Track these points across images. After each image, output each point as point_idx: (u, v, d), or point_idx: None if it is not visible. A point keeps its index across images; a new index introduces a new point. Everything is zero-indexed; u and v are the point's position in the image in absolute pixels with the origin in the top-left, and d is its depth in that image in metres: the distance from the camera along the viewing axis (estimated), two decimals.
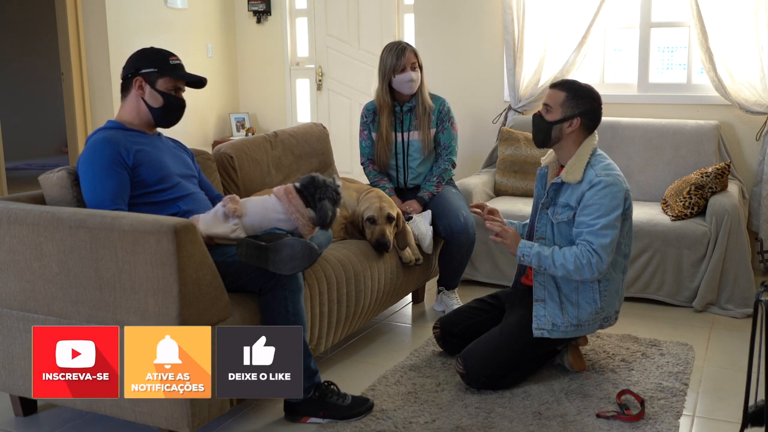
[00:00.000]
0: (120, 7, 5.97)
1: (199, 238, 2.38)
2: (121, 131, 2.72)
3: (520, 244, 2.87)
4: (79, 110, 6.07)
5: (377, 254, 3.32)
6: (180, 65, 2.80)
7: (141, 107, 2.76)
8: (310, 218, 2.78)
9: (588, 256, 2.74)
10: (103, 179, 2.59)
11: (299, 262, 2.53)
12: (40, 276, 2.49)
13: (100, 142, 2.64)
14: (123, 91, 2.80)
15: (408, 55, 3.73)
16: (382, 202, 3.40)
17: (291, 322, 2.59)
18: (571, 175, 2.87)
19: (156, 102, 2.75)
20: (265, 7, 6.84)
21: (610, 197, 2.79)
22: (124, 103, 2.79)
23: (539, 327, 2.89)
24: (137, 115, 2.77)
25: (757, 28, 4.22)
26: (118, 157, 2.61)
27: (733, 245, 3.76)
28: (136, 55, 2.79)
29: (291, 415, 2.71)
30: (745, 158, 4.46)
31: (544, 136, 2.93)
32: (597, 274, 2.76)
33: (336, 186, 2.84)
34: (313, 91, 6.78)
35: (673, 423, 2.65)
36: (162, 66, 2.75)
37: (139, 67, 2.75)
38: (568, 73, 4.66)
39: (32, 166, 8.77)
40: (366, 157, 3.93)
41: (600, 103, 2.94)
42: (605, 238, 2.76)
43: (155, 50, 2.80)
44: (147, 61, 2.76)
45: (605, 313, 2.92)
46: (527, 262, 2.85)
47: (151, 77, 2.73)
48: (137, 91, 2.74)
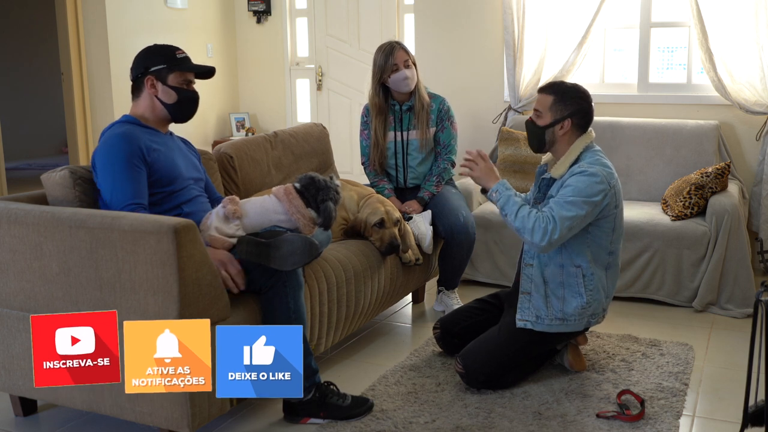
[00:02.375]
0: (120, 7, 5.97)
1: (200, 238, 2.38)
2: (137, 126, 2.72)
3: (500, 182, 2.87)
4: (79, 110, 6.07)
5: (382, 256, 3.33)
6: (187, 58, 2.81)
7: (156, 104, 2.76)
8: (311, 218, 2.78)
9: (546, 222, 2.74)
10: (123, 176, 2.58)
11: (299, 257, 2.54)
12: (40, 276, 2.49)
13: (118, 137, 2.63)
14: (135, 91, 2.80)
15: (398, 53, 3.72)
16: (386, 206, 3.41)
17: (292, 319, 2.59)
18: (557, 170, 2.90)
19: (170, 98, 2.75)
20: (265, 7, 6.84)
21: (587, 184, 2.78)
22: (137, 102, 2.79)
23: (523, 318, 2.90)
24: (152, 113, 2.77)
25: (757, 28, 4.22)
26: (137, 152, 2.61)
27: (733, 245, 3.76)
28: (142, 54, 2.79)
29: (291, 415, 2.71)
30: (745, 158, 4.46)
31: (539, 141, 2.95)
32: (546, 242, 2.73)
33: (336, 186, 2.84)
34: (313, 91, 6.78)
35: (673, 423, 2.65)
36: (170, 61, 2.74)
37: (148, 66, 2.74)
38: (568, 73, 4.66)
39: (32, 166, 8.77)
40: (366, 157, 3.93)
41: (589, 101, 2.94)
42: (568, 212, 2.75)
43: (160, 46, 2.80)
44: (154, 58, 2.75)
45: (592, 309, 2.91)
46: (495, 198, 2.85)
47: (161, 74, 2.73)
48: (150, 90, 2.74)
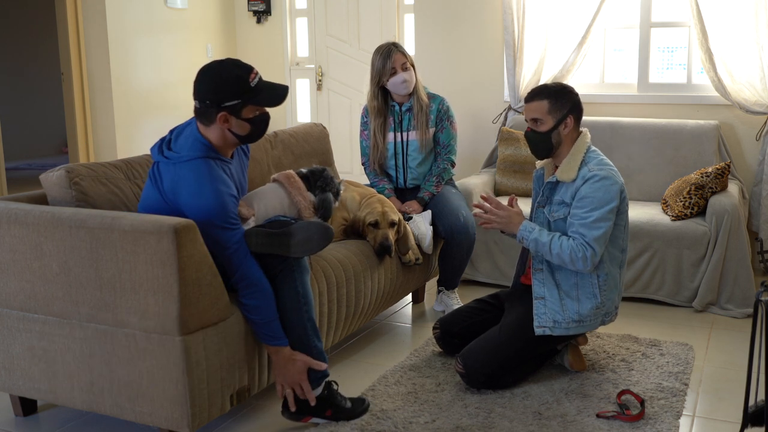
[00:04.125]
0: (120, 7, 5.97)
1: (200, 238, 2.37)
2: (214, 160, 2.55)
3: (522, 226, 2.90)
4: (79, 110, 6.06)
5: (377, 257, 3.32)
6: (260, 83, 2.57)
7: (227, 136, 2.57)
8: (311, 202, 2.80)
9: (583, 250, 2.78)
10: (223, 199, 2.49)
11: (317, 242, 2.57)
12: (40, 276, 2.49)
13: (205, 170, 2.50)
14: (202, 116, 2.56)
15: (395, 56, 3.71)
16: (384, 206, 3.40)
17: (302, 303, 2.60)
18: (565, 173, 2.89)
19: (243, 130, 2.57)
20: (265, 7, 6.84)
21: (604, 190, 2.80)
22: (208, 129, 2.56)
23: (541, 325, 2.89)
24: (224, 142, 2.59)
25: (757, 28, 4.22)
26: (224, 181, 2.53)
27: (733, 245, 3.76)
28: (213, 84, 2.53)
29: (295, 414, 2.67)
30: (745, 158, 4.46)
31: (545, 147, 2.94)
32: (590, 266, 2.81)
33: (339, 183, 2.87)
34: (313, 91, 6.78)
35: (673, 423, 2.65)
36: (245, 95, 2.52)
37: (221, 101, 2.50)
38: (568, 73, 4.66)
39: (32, 166, 8.78)
40: (366, 157, 3.93)
41: (577, 93, 2.97)
42: (598, 230, 2.79)
43: (234, 74, 2.52)
44: (228, 91, 2.51)
45: (606, 308, 2.93)
46: (525, 245, 2.91)
47: (235, 109, 2.52)
48: (222, 125, 2.54)
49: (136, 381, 2.40)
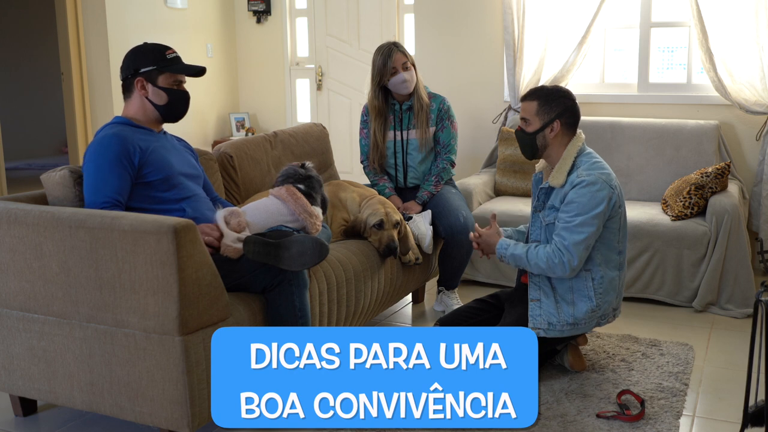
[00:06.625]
0: (120, 7, 5.97)
1: (200, 238, 2.37)
2: (129, 127, 2.72)
3: (498, 244, 2.95)
4: (79, 110, 6.07)
5: (381, 258, 3.32)
6: (177, 58, 2.79)
7: (146, 105, 2.76)
8: (317, 216, 2.78)
9: (559, 255, 2.79)
10: (107, 174, 2.59)
11: (309, 258, 2.55)
12: (40, 276, 2.49)
13: (109, 137, 2.64)
14: (125, 91, 2.80)
15: (396, 56, 3.71)
16: (386, 207, 3.40)
17: (298, 317, 2.60)
18: (555, 179, 2.90)
19: (160, 99, 2.75)
20: (265, 7, 6.84)
21: (590, 196, 2.80)
22: (128, 102, 2.79)
23: (535, 326, 2.90)
24: (143, 113, 2.77)
25: (757, 28, 4.22)
26: (125, 153, 2.61)
27: (733, 245, 3.75)
28: (131, 55, 2.78)
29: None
30: (745, 158, 4.46)
31: (531, 148, 2.96)
32: (569, 271, 2.81)
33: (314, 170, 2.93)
34: (313, 91, 6.78)
35: (673, 423, 2.65)
36: (160, 62, 2.73)
37: (138, 67, 2.74)
38: (568, 73, 4.66)
39: (32, 166, 8.77)
40: (365, 155, 3.93)
41: (573, 99, 2.95)
42: (580, 235, 2.78)
43: (150, 46, 2.78)
44: (144, 59, 2.74)
45: (601, 311, 2.92)
46: (506, 262, 2.95)
47: (151, 75, 2.73)
48: (140, 92, 2.75)
49: (136, 381, 2.40)
